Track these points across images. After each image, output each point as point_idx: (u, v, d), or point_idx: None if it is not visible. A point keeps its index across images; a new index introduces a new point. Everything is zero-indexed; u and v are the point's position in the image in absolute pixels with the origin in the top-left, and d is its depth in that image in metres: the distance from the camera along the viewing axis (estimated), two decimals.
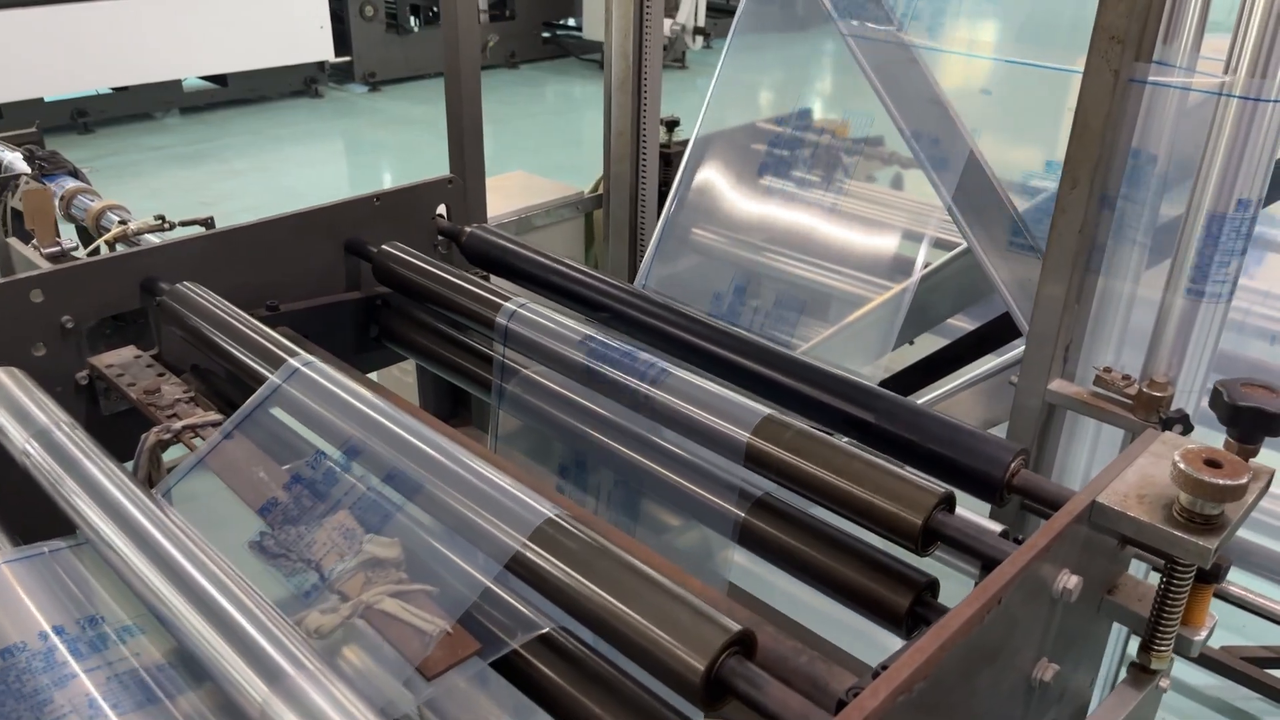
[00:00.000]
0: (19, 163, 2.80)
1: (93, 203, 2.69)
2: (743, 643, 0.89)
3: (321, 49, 7.70)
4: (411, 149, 6.82)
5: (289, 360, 1.28)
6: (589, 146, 5.31)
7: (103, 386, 1.54)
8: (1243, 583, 2.08)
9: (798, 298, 2.26)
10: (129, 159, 6.42)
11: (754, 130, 2.47)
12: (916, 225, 2.25)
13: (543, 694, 0.99)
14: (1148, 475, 0.98)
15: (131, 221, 2.49)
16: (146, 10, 6.65)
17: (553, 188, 3.13)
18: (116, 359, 1.52)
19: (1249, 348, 1.97)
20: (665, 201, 2.52)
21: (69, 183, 2.78)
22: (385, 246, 1.77)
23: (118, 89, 7.00)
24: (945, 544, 1.11)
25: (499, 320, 1.54)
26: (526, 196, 3.01)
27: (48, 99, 6.58)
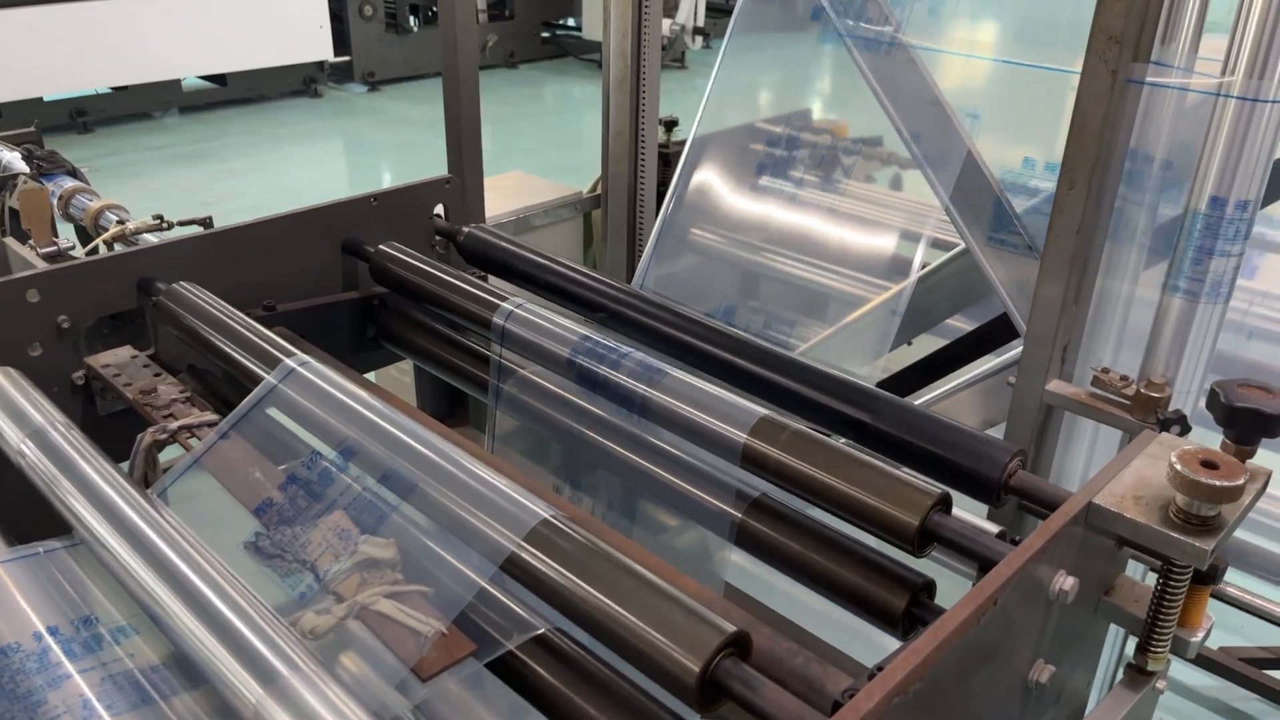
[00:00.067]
0: (17, 162, 2.79)
1: (91, 202, 2.68)
2: (738, 644, 0.89)
3: (321, 49, 7.70)
4: (410, 149, 6.82)
5: (285, 360, 1.28)
6: (587, 146, 5.31)
7: (99, 386, 1.53)
8: (1240, 583, 2.09)
9: (796, 298, 2.26)
10: (128, 158, 6.42)
11: (752, 130, 2.47)
12: (914, 225, 2.25)
13: (538, 695, 0.99)
14: (1144, 476, 0.98)
15: (130, 221, 2.48)
16: (145, 10, 6.65)
17: (551, 188, 3.12)
18: (113, 359, 1.51)
19: (1247, 348, 1.97)
20: (663, 201, 2.52)
21: (68, 182, 2.77)
22: (382, 246, 1.76)
23: (117, 88, 7.00)
24: (942, 545, 1.11)
25: (496, 320, 1.53)
26: (525, 196, 3.01)
27: (47, 98, 6.58)
